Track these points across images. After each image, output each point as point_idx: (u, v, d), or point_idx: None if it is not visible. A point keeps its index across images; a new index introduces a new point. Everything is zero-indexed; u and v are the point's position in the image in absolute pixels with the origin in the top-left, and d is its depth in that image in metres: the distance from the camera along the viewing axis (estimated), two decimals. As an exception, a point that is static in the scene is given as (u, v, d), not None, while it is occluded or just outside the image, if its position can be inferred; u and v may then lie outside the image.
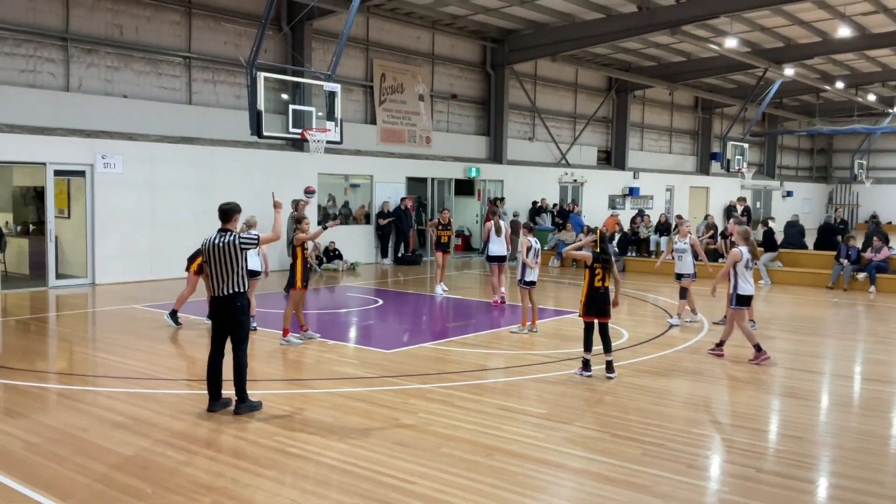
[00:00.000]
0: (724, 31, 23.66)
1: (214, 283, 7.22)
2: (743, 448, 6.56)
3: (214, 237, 7.26)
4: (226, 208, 7.37)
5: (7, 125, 15.13)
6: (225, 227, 7.30)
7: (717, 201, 35.59)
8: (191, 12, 18.21)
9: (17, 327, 11.88)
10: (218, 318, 7.32)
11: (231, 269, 7.17)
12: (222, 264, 7.17)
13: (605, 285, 8.84)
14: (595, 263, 8.81)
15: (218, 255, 7.17)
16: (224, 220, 7.33)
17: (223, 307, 7.23)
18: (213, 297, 7.31)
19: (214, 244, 7.22)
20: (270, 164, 18.99)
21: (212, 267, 7.22)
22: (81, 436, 6.56)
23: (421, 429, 6.87)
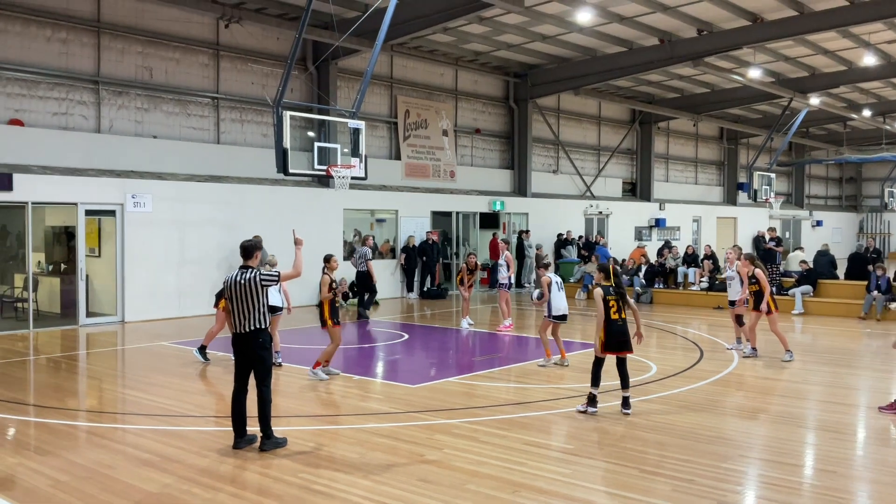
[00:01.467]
0: (747, 62, 23.65)
1: (236, 319, 7.26)
2: (775, 483, 6.42)
3: (236, 274, 7.32)
4: (247, 245, 7.43)
5: (40, 167, 15.49)
6: (246, 263, 7.36)
7: (745, 232, 35.27)
8: (219, 54, 18.59)
9: (48, 365, 12.03)
10: (240, 354, 7.34)
11: (252, 305, 7.21)
12: (244, 301, 7.20)
13: (622, 317, 8.61)
14: (608, 296, 8.60)
15: (239, 292, 7.21)
16: (245, 257, 7.38)
17: (245, 343, 7.26)
18: (234, 333, 7.32)
19: (236, 281, 7.26)
20: (297, 201, 19.20)
21: (233, 303, 7.26)
22: (109, 473, 6.60)
23: (446, 465, 6.81)
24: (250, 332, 7.22)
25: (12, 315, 16.15)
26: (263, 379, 7.30)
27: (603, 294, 8.59)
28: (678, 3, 18.79)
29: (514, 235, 25.01)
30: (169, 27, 17.49)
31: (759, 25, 19.84)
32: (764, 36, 20.14)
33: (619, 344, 8.57)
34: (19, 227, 16.08)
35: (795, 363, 11.88)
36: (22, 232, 15.63)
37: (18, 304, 16.29)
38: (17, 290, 16.65)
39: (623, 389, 8.60)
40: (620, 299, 8.62)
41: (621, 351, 8.60)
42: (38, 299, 16.31)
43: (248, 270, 7.29)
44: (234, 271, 7.38)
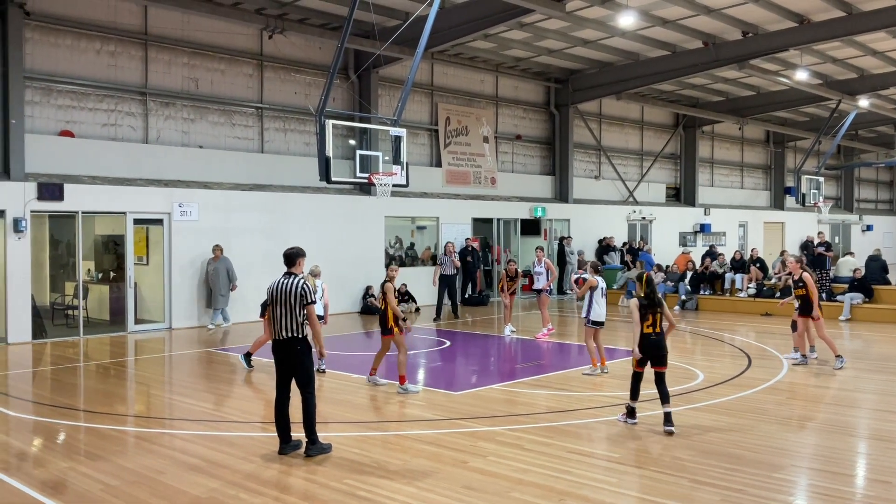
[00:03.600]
0: (793, 64, 23.22)
1: (277, 325, 7.34)
2: (828, 493, 6.27)
3: (279, 280, 7.42)
4: (290, 253, 7.55)
5: (90, 177, 15.85)
6: (290, 270, 7.47)
7: (793, 237, 34.58)
8: (262, 64, 18.85)
9: (98, 371, 12.28)
10: (280, 360, 7.41)
11: (292, 312, 7.27)
12: (284, 307, 7.28)
13: (656, 331, 8.19)
14: (649, 309, 8.22)
15: (282, 298, 7.30)
16: (289, 265, 7.51)
17: (284, 350, 7.34)
18: (275, 339, 7.41)
19: (279, 287, 7.37)
20: (339, 209, 19.35)
21: (275, 310, 7.34)
22: (157, 478, 6.70)
23: (490, 472, 6.78)
24: (289, 339, 7.29)
25: (63, 322, 16.53)
26: (305, 385, 7.35)
27: (638, 305, 8.29)
28: (722, 6, 18.54)
29: (555, 242, 24.86)
30: (214, 39, 17.79)
31: (805, 27, 19.47)
32: (811, 37, 19.76)
33: (653, 358, 8.18)
34: (70, 236, 16.48)
35: (847, 371, 11.58)
36: (72, 241, 16.01)
37: (69, 312, 16.67)
38: (67, 297, 17.05)
39: (663, 405, 8.09)
40: (653, 310, 8.21)
41: (656, 365, 8.18)
42: (88, 307, 16.67)
43: (292, 277, 7.40)
44: (278, 278, 7.46)
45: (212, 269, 16.57)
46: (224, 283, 16.54)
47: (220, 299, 16.61)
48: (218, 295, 16.56)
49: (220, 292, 16.54)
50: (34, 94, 15.51)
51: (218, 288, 16.51)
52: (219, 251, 16.56)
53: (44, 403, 9.79)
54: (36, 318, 15.19)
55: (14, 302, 14.58)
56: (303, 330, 7.32)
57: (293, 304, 7.27)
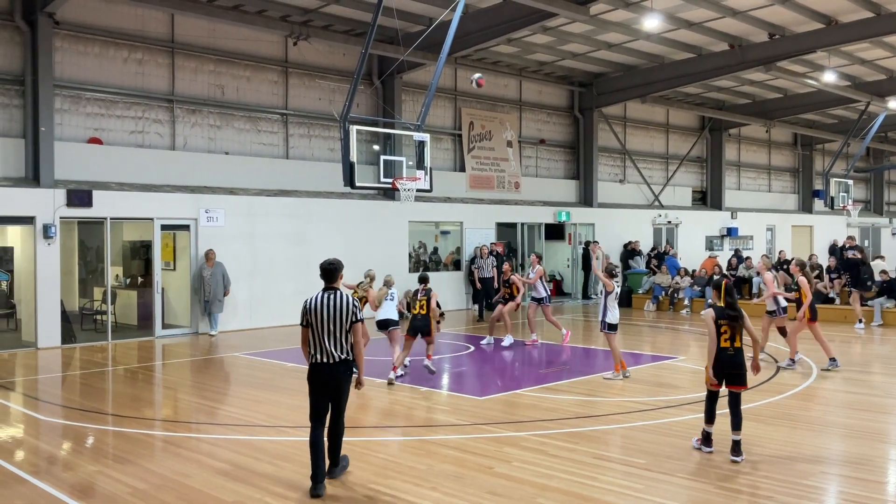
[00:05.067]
0: (821, 66, 22.95)
1: (320, 347, 6.61)
2: (858, 501, 6.17)
3: (322, 297, 6.67)
4: (331, 268, 6.81)
5: (118, 183, 16.04)
6: (331, 286, 6.77)
7: (822, 240, 34.13)
8: (287, 71, 18.98)
9: (126, 376, 12.41)
10: (323, 385, 6.64)
11: (344, 331, 6.63)
12: (332, 325, 6.59)
13: (734, 346, 7.34)
14: (720, 320, 7.36)
15: (328, 316, 6.59)
16: (329, 280, 6.79)
17: (334, 374, 6.60)
18: (319, 363, 6.62)
19: (324, 304, 6.64)
20: (363, 214, 19.42)
21: (318, 329, 6.61)
22: (185, 482, 6.75)
23: (515, 478, 6.75)
24: (341, 361, 6.61)
25: (92, 327, 16.74)
26: (343, 410, 6.79)
27: (714, 317, 7.41)
28: (748, 7, 18.36)
29: (580, 246, 24.75)
30: (239, 46, 17.95)
31: (833, 28, 19.24)
32: (839, 39, 19.50)
33: (728, 377, 7.38)
34: (98, 242, 16.68)
35: (878, 376, 11.41)
36: (101, 246, 16.20)
37: (98, 317, 16.87)
38: (96, 302, 17.25)
39: (734, 432, 7.27)
40: (734, 324, 7.38)
41: (732, 384, 7.40)
42: (116, 312, 16.86)
43: (336, 293, 6.71)
44: (317, 294, 6.74)
45: (208, 274, 16.30)
46: (220, 289, 16.34)
47: (218, 304, 16.41)
48: (215, 300, 16.36)
49: (217, 297, 16.33)
50: (63, 101, 15.75)
51: (216, 293, 16.31)
52: (213, 256, 16.41)
53: (73, 407, 9.91)
54: (65, 323, 15.39)
55: (44, 307, 14.78)
56: (351, 351, 6.70)
57: (342, 322, 6.60)
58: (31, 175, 14.97)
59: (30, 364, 13.34)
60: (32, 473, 7.05)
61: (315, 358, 6.62)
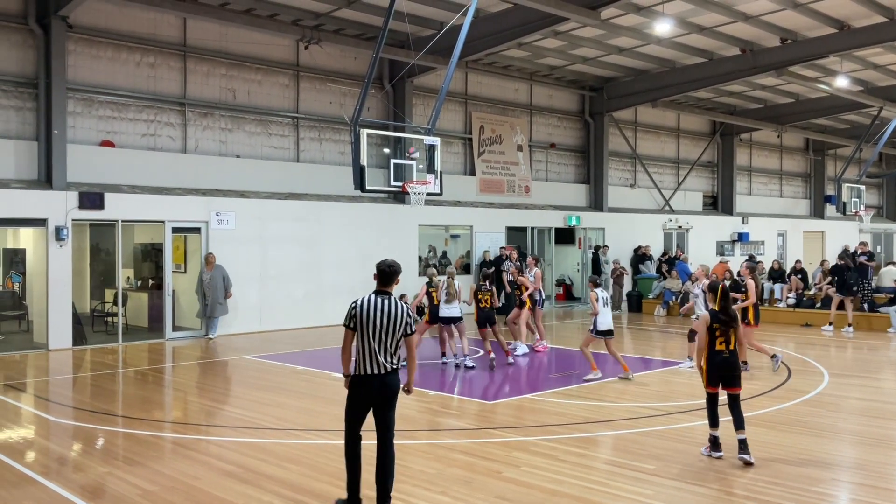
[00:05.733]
0: (833, 71, 22.84)
1: (369, 357, 5.99)
2: (872, 509, 6.12)
3: (375, 301, 6.05)
4: (390, 270, 6.14)
5: (130, 186, 16.13)
6: (385, 289, 6.14)
7: (834, 246, 33.93)
8: (298, 75, 19.05)
9: (136, 378, 12.46)
10: (368, 397, 6.05)
11: (397, 340, 6.05)
12: (384, 334, 6.00)
13: (729, 349, 7.45)
14: (714, 323, 7.47)
15: (379, 323, 5.99)
16: (385, 283, 6.14)
17: (385, 384, 6.01)
18: (368, 374, 6.00)
19: (377, 309, 6.02)
20: (373, 217, 19.44)
21: (368, 337, 5.99)
22: (194, 484, 6.76)
23: (525, 483, 6.73)
24: (392, 371, 6.04)
25: (103, 329, 16.82)
26: (393, 425, 6.16)
27: (709, 320, 7.53)
28: (760, 12, 18.31)
29: (590, 251, 24.70)
30: (251, 50, 18.02)
31: (845, 33, 19.15)
32: (851, 44, 19.41)
33: (722, 378, 7.46)
34: (110, 244, 16.76)
35: (890, 382, 11.32)
36: (112, 249, 16.28)
37: (108, 319, 16.95)
38: (107, 304, 17.34)
39: (737, 431, 7.32)
40: (727, 326, 7.47)
41: (728, 387, 7.47)
42: (127, 314, 16.94)
43: (389, 298, 6.10)
44: (368, 297, 6.10)
45: (207, 278, 16.19)
46: (221, 292, 16.21)
47: (219, 308, 16.29)
48: (216, 304, 16.23)
49: (218, 301, 16.21)
50: (76, 104, 15.84)
51: (216, 297, 16.17)
52: (212, 259, 16.31)
53: (83, 409, 9.95)
54: (76, 324, 15.47)
55: (55, 309, 14.86)
56: (400, 361, 6.14)
57: (396, 332, 6.02)
58: (43, 177, 15.07)
59: (41, 365, 13.41)
60: (43, 474, 7.08)
61: (362, 368, 6.00)
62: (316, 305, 18.21)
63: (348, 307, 6.10)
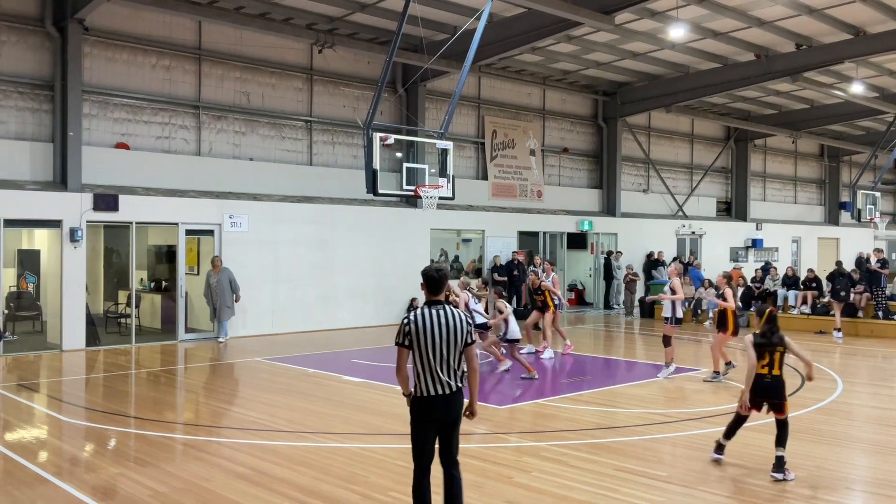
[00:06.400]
0: (849, 77, 22.71)
1: (432, 375, 5.34)
2: (886, 519, 6.05)
3: (430, 313, 5.37)
4: (438, 276, 5.48)
5: (144, 188, 16.22)
6: (435, 298, 5.47)
7: (849, 253, 33.70)
8: (312, 78, 19.11)
9: (149, 379, 12.51)
10: (436, 421, 5.41)
11: (458, 355, 5.39)
12: (446, 349, 5.33)
13: (772, 373, 7.08)
14: (758, 346, 7.15)
15: (440, 337, 5.32)
16: (435, 290, 5.48)
17: (451, 408, 5.40)
18: (433, 395, 5.34)
19: (434, 322, 5.34)
20: (385, 221, 19.47)
21: (429, 353, 5.32)
22: (205, 485, 6.78)
23: (535, 488, 6.71)
24: (458, 391, 5.41)
25: (116, 330, 16.90)
26: (456, 454, 5.57)
27: (753, 341, 7.22)
28: (775, 18, 18.23)
29: (602, 256, 24.64)
30: (265, 53, 18.10)
31: (861, 39, 19.04)
32: (867, 50, 19.30)
33: (761, 404, 7.19)
34: (124, 246, 16.84)
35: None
36: (126, 250, 16.36)
37: (122, 320, 17.04)
38: (120, 306, 17.43)
39: (777, 447, 7.03)
40: (770, 349, 7.13)
41: (772, 411, 7.18)
42: (140, 315, 17.01)
43: (444, 308, 5.43)
44: (421, 310, 5.41)
45: (214, 281, 16.15)
46: (229, 295, 16.17)
47: (227, 311, 16.29)
48: (224, 307, 16.21)
49: (225, 304, 16.19)
50: (91, 107, 15.95)
51: (223, 300, 16.14)
52: (219, 262, 16.28)
53: (96, 410, 10.00)
54: (90, 325, 15.56)
55: (69, 310, 14.95)
56: (463, 378, 5.49)
57: (458, 344, 5.37)
58: (58, 179, 15.18)
59: (54, 366, 13.50)
60: (55, 474, 7.12)
61: (425, 389, 5.34)
62: (328, 308, 18.25)
63: (400, 324, 5.42)
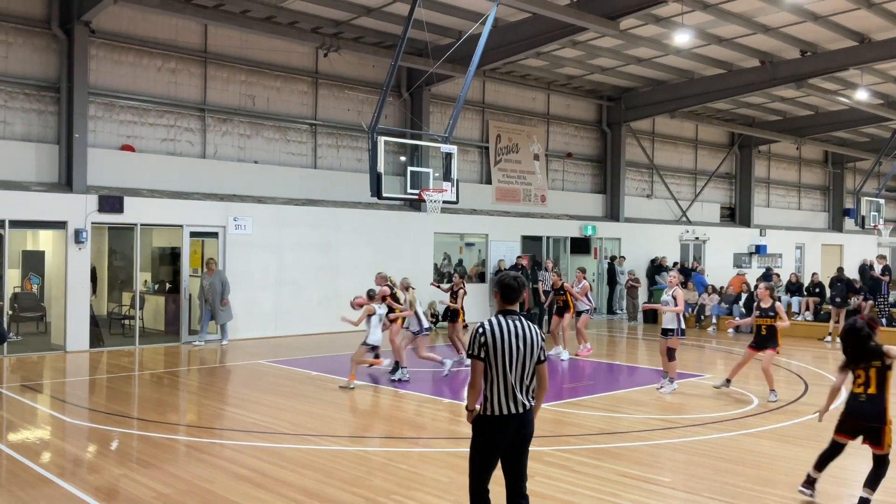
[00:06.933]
0: (853, 83, 22.70)
1: (506, 392, 4.86)
2: (889, 527, 6.04)
3: (507, 324, 4.90)
4: (517, 284, 5.00)
5: (149, 190, 16.26)
6: (510, 308, 5.01)
7: (852, 260, 33.66)
8: (317, 82, 19.15)
9: (152, 381, 12.53)
10: (506, 443, 4.93)
11: (531, 371, 4.96)
12: (521, 364, 4.88)
13: (867, 392, 6.13)
14: (851, 364, 6.27)
15: (522, 350, 4.88)
16: (512, 300, 5.01)
17: (522, 428, 4.94)
18: (506, 415, 4.87)
19: (512, 333, 4.88)
20: (389, 224, 19.49)
21: (508, 367, 4.85)
22: (208, 487, 6.78)
23: (538, 493, 6.70)
24: (530, 410, 5.00)
25: (119, 331, 16.93)
26: (526, 475, 5.13)
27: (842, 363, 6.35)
28: (780, 24, 18.25)
29: (605, 261, 24.63)
30: (271, 57, 18.14)
31: (866, 46, 19.03)
32: (872, 57, 19.28)
33: (855, 429, 6.26)
34: (128, 248, 16.88)
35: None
36: (130, 252, 16.40)
37: (125, 321, 17.07)
38: (124, 307, 17.46)
39: (864, 487, 6.19)
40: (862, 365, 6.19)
41: (867, 442, 6.22)
42: (144, 317, 17.04)
43: (520, 319, 4.97)
44: (496, 320, 4.94)
45: (206, 283, 15.96)
46: (220, 297, 15.99)
47: (221, 314, 16.08)
48: (217, 310, 16.02)
49: (219, 307, 16.02)
50: (97, 109, 16.00)
51: (216, 302, 15.97)
52: (213, 265, 16.12)
53: (99, 411, 10.02)
54: (94, 327, 15.59)
55: (73, 311, 14.98)
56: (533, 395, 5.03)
57: (532, 359, 4.94)
58: (64, 180, 15.22)
59: (58, 367, 13.52)
60: (58, 475, 7.14)
61: (497, 408, 4.85)
62: (331, 311, 18.18)
63: (474, 333, 4.92)
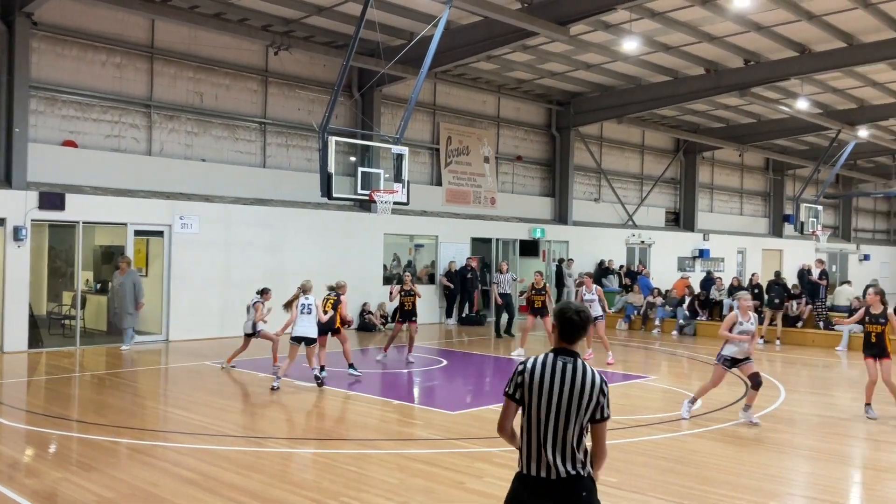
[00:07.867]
0: (794, 93, 23.36)
1: (538, 446, 3.86)
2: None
3: (552, 363, 3.89)
4: (580, 319, 3.96)
5: (92, 187, 15.87)
6: (568, 347, 3.96)
7: (792, 264, 34.61)
8: (267, 80, 18.95)
9: (93, 382, 12.23)
10: None
11: (579, 428, 3.87)
12: (567, 414, 3.83)
13: None
14: None
15: (566, 395, 3.83)
16: (572, 339, 3.97)
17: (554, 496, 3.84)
18: (532, 476, 3.88)
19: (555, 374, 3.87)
20: (339, 225, 19.37)
21: (544, 415, 3.85)
22: (152, 490, 6.66)
23: (487, 494, 6.74)
24: (570, 479, 3.84)
25: (59, 332, 16.48)
26: None
27: None
28: (725, 33, 18.68)
29: (553, 263, 24.88)
30: (220, 54, 17.88)
31: (806, 56, 19.62)
32: (812, 67, 19.88)
33: None
34: (69, 246, 16.45)
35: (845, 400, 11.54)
36: (71, 251, 15.99)
37: (66, 322, 16.63)
38: (65, 307, 17.00)
39: None
40: None
41: None
42: (86, 317, 16.62)
43: (575, 362, 3.91)
44: (543, 357, 3.93)
45: (117, 283, 15.11)
46: (130, 300, 15.06)
47: (129, 318, 15.16)
48: (125, 313, 15.10)
49: (126, 310, 15.06)
50: (38, 103, 15.56)
51: (125, 305, 15.05)
52: (125, 264, 15.23)
53: (37, 413, 9.75)
54: (33, 327, 15.15)
55: (11, 311, 14.53)
56: (586, 460, 3.92)
57: (581, 413, 3.84)
58: (3, 176, 14.76)
59: (-6, 368, 13.11)
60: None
61: (525, 465, 3.91)
62: (279, 313, 18.00)
63: (515, 368, 4.01)
